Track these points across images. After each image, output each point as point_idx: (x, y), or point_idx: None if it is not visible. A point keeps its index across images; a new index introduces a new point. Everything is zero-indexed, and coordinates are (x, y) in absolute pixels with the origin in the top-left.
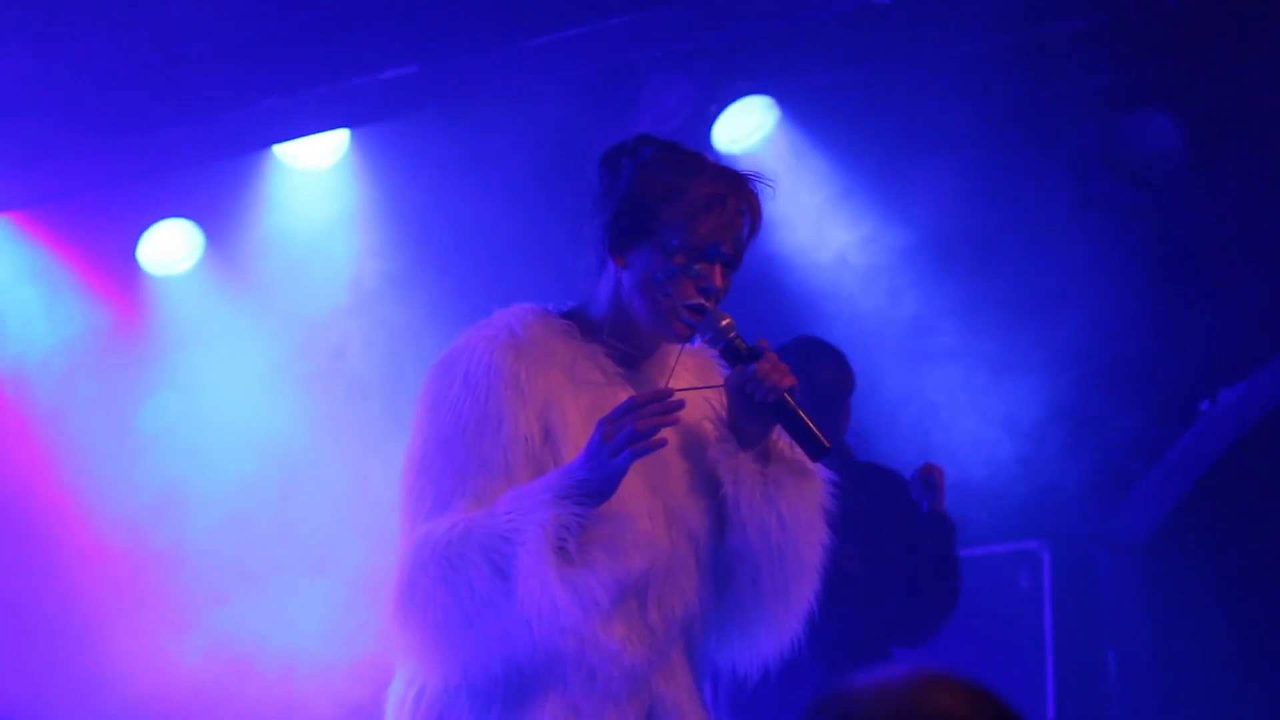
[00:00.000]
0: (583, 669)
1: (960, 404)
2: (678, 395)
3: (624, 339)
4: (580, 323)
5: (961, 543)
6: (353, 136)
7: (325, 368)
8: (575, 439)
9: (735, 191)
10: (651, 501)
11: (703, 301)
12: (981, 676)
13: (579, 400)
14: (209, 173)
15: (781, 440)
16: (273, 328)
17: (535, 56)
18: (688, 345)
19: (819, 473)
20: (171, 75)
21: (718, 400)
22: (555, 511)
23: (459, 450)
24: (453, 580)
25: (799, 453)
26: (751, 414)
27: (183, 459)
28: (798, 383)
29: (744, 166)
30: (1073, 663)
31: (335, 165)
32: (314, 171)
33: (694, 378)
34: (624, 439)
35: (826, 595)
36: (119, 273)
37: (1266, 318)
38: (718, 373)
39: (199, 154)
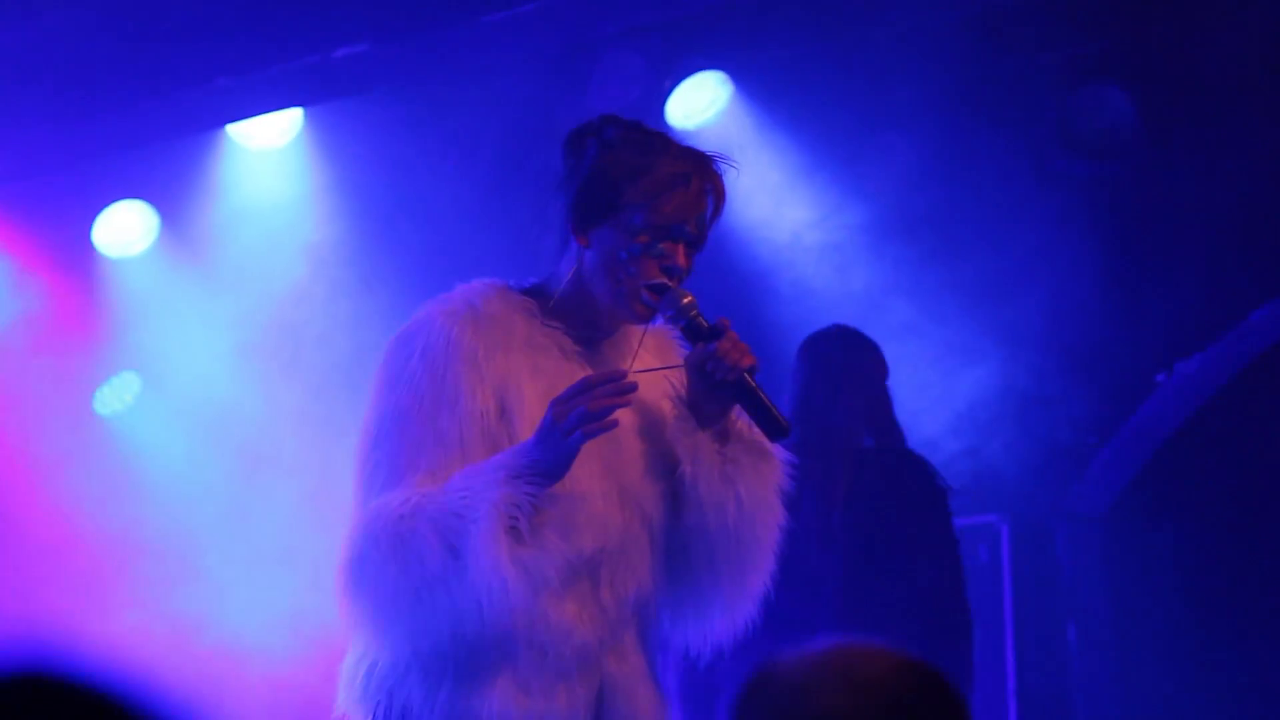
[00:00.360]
0: (534, 647)
1: (918, 380)
2: (638, 375)
3: (584, 317)
4: (541, 300)
5: None
6: (307, 115)
7: (283, 349)
8: (531, 416)
9: (699, 171)
10: (606, 481)
11: (665, 280)
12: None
13: (536, 378)
14: (163, 153)
15: (740, 420)
16: (229, 309)
17: (490, 32)
18: (649, 325)
19: (777, 454)
20: (124, 55)
21: (678, 379)
22: (507, 490)
23: (414, 424)
24: (403, 555)
25: (758, 433)
26: (711, 393)
27: (139, 441)
28: (758, 362)
29: (708, 146)
30: (1032, 636)
31: (289, 144)
32: (268, 151)
33: (655, 357)
34: (576, 419)
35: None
36: (74, 254)
37: (1222, 290)
38: (678, 353)
39: (153, 134)
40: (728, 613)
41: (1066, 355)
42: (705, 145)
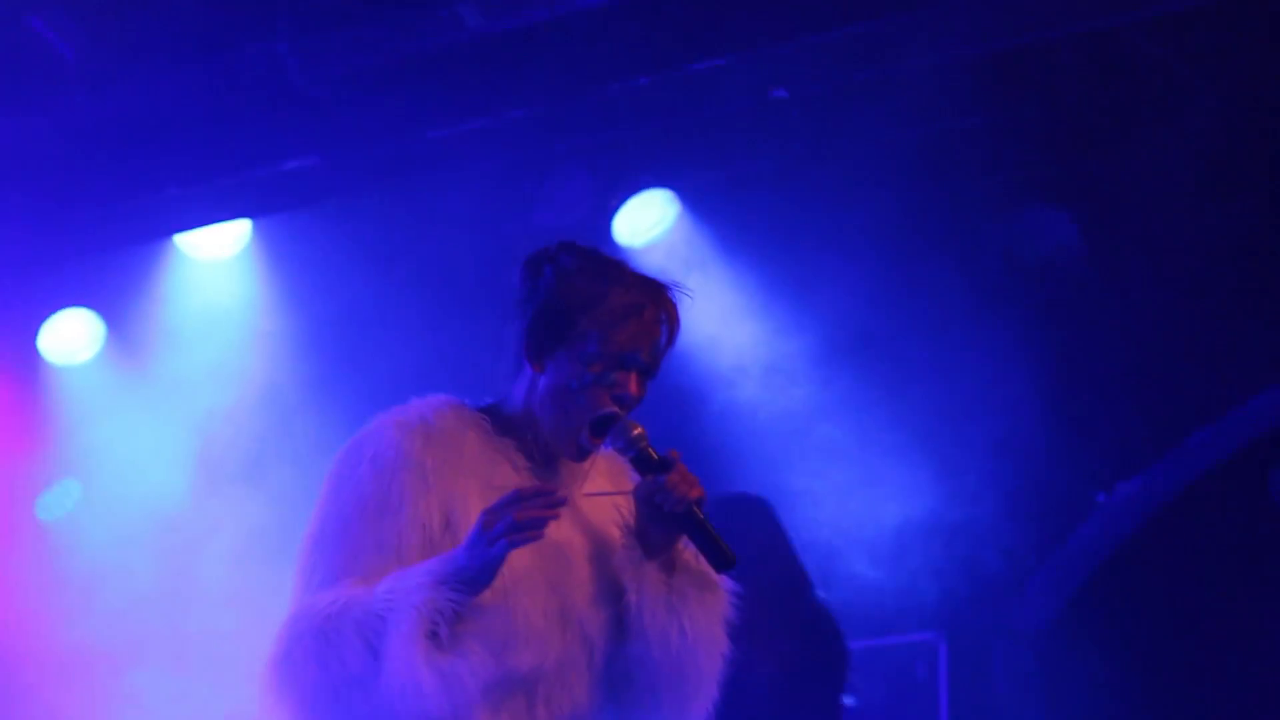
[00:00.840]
0: None
1: (859, 499)
2: (589, 499)
3: (535, 441)
4: (495, 419)
5: (858, 634)
6: (255, 227)
7: (225, 460)
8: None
9: (654, 300)
10: (549, 600)
11: (615, 410)
12: None
13: (486, 494)
14: (111, 262)
15: (687, 551)
16: (173, 419)
17: (437, 148)
18: (604, 449)
19: (723, 584)
20: (74, 163)
21: (627, 507)
22: (430, 595)
23: (356, 529)
24: (325, 654)
25: (704, 564)
26: (659, 523)
27: (79, 548)
28: (705, 495)
29: (656, 267)
30: None
31: (237, 256)
32: (216, 262)
33: (608, 481)
34: (503, 529)
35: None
36: (19, 361)
37: (1162, 411)
38: (631, 478)
39: (100, 243)
40: None
41: (1009, 475)
42: (655, 268)
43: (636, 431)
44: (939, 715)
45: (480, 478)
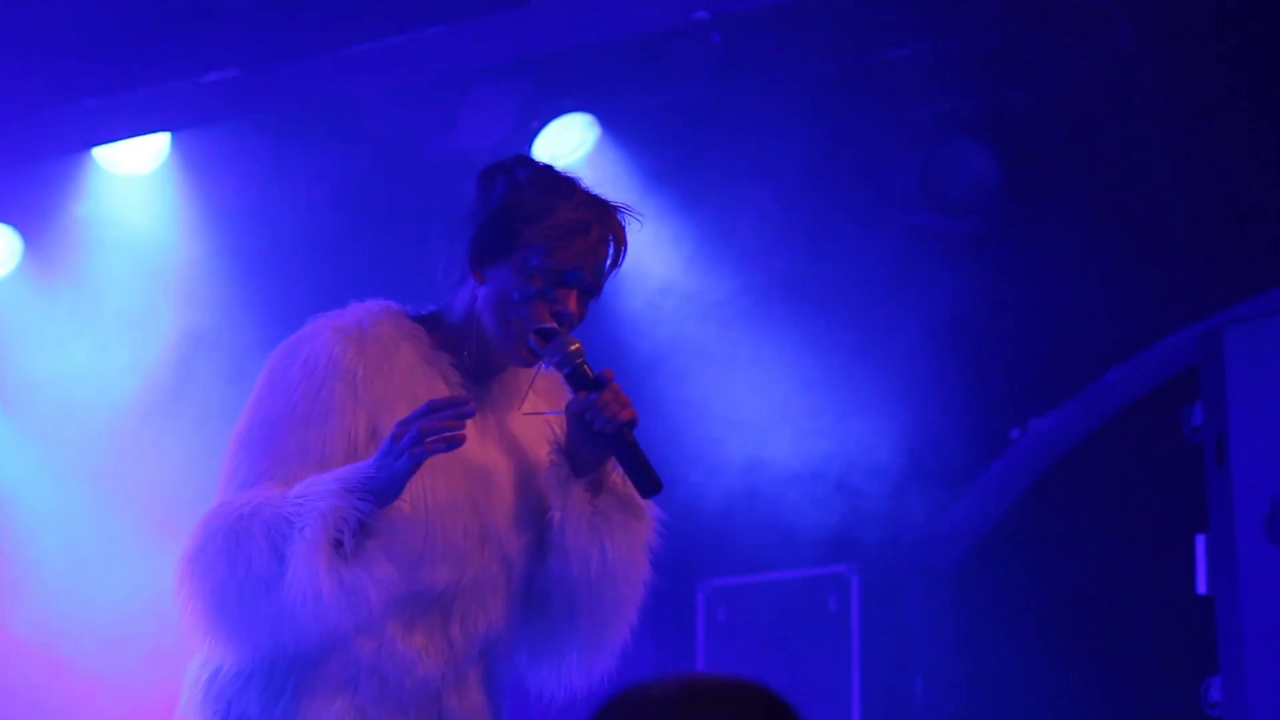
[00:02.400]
0: (376, 673)
1: (774, 433)
2: (523, 417)
3: (474, 352)
4: (432, 330)
5: (771, 566)
6: (174, 141)
7: (146, 376)
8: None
9: (601, 220)
10: (470, 518)
11: (554, 326)
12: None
13: (413, 405)
14: (27, 175)
15: (615, 473)
16: (93, 335)
17: (359, 63)
18: (541, 367)
19: (648, 510)
20: None
21: (560, 426)
22: (337, 503)
23: (281, 433)
24: (234, 555)
25: (631, 488)
26: (588, 442)
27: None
28: (637, 417)
29: (615, 198)
30: (880, 688)
31: (156, 170)
32: (134, 176)
33: (544, 401)
34: (410, 440)
35: None
36: None
37: (1078, 348)
38: (566, 399)
39: (16, 155)
40: (584, 663)
41: (922, 411)
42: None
43: (574, 347)
44: (850, 648)
45: (410, 391)
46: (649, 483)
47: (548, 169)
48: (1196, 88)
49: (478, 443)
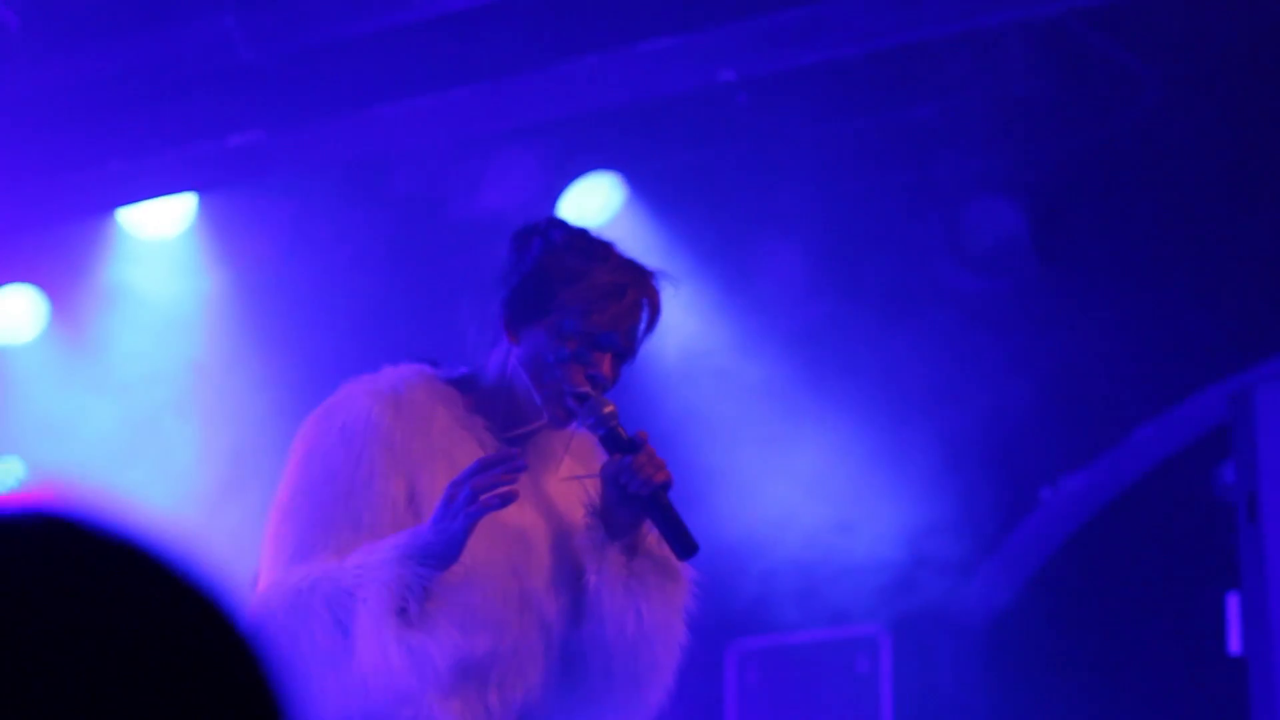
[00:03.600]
0: None
1: (801, 491)
2: (561, 481)
3: (508, 414)
4: (465, 392)
5: (798, 627)
6: (200, 204)
7: (172, 439)
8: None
9: (636, 284)
10: (508, 583)
11: (588, 390)
12: None
13: (451, 469)
14: (53, 238)
15: (650, 536)
16: (118, 398)
17: (384, 125)
18: (576, 429)
19: (684, 573)
20: (12, 137)
21: (596, 490)
22: (399, 571)
23: (325, 503)
24: (295, 631)
25: (667, 551)
26: (623, 505)
27: None
28: (672, 479)
29: (649, 263)
30: None
31: (181, 233)
32: (160, 239)
33: (578, 464)
34: (464, 500)
35: None
36: None
37: (1107, 407)
38: (600, 461)
39: (42, 218)
40: None
41: (953, 470)
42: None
43: (608, 409)
44: (880, 710)
45: (447, 454)
46: (685, 545)
47: (583, 232)
48: (1225, 144)
49: (514, 507)
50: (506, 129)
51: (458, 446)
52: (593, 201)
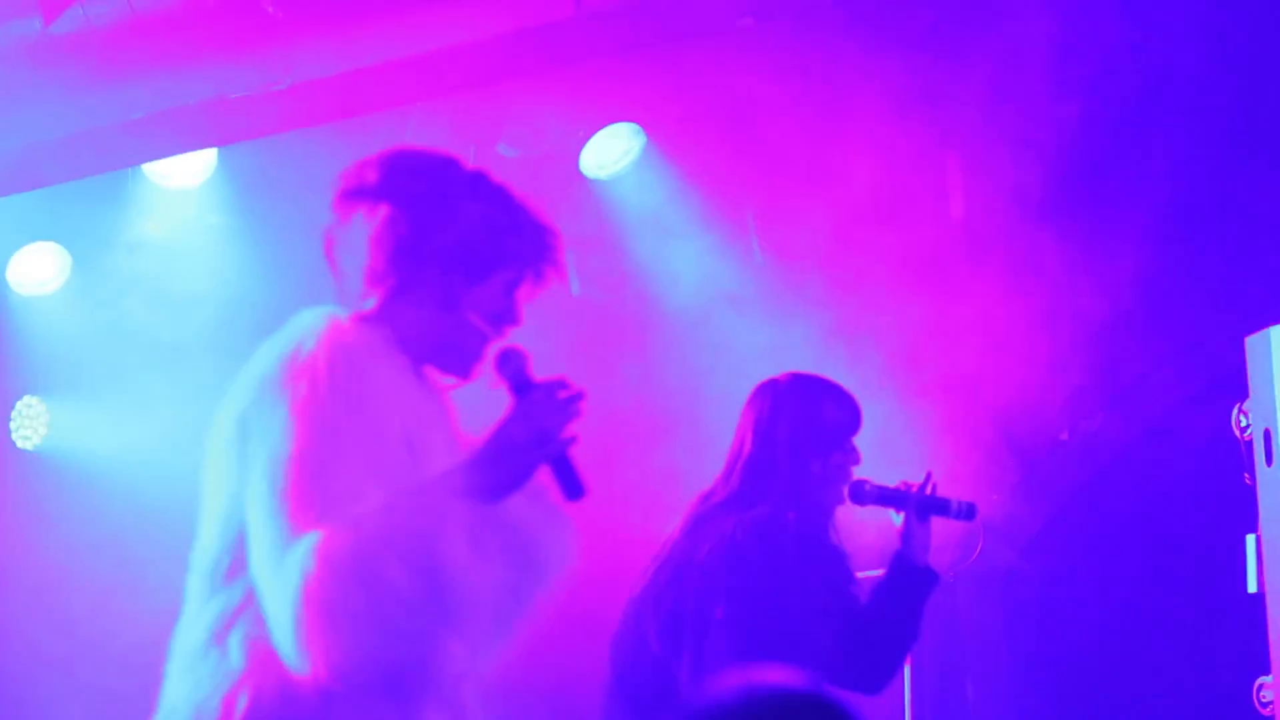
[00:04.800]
0: (429, 678)
1: None
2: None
3: (439, 361)
4: (393, 332)
5: None
6: (221, 155)
7: (192, 388)
8: (425, 442)
9: (537, 228)
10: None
11: (493, 329)
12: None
13: (418, 407)
14: (76, 191)
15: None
16: (142, 348)
17: (404, 72)
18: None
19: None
20: (40, 93)
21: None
22: (455, 503)
23: (340, 445)
24: (366, 578)
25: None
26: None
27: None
28: (571, 422)
29: (548, 214)
30: (930, 693)
31: (204, 184)
32: (183, 190)
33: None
34: (535, 437)
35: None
36: None
37: (1127, 349)
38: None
39: (66, 171)
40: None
41: (971, 414)
42: (621, 200)
43: (517, 353)
44: None
45: (413, 391)
46: (571, 488)
47: (498, 188)
48: (1243, 93)
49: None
50: (526, 79)
51: (406, 380)
52: (613, 150)
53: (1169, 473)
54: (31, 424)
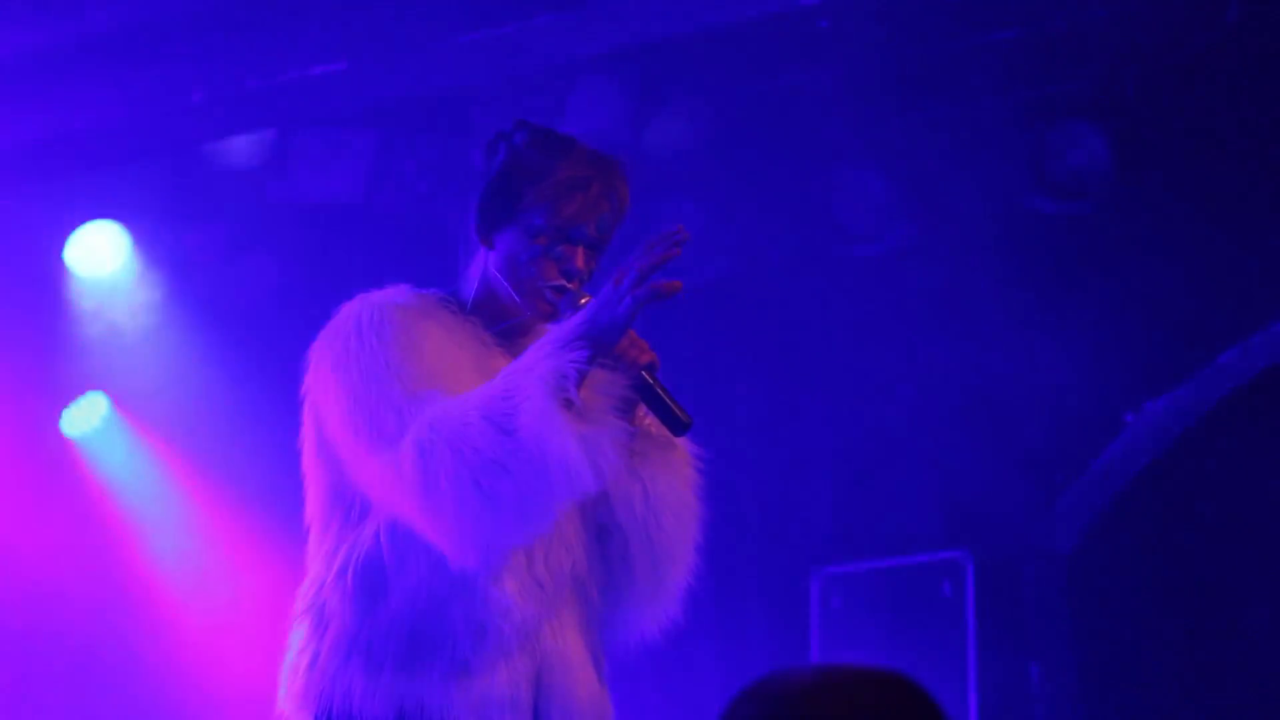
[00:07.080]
0: (473, 625)
1: (881, 416)
2: None
3: (493, 318)
4: (449, 302)
5: (885, 552)
6: (281, 136)
7: (252, 370)
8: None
9: (601, 176)
10: None
11: (564, 282)
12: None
13: (464, 356)
14: (136, 172)
15: (649, 418)
16: (201, 331)
17: (465, 54)
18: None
19: (685, 448)
20: (100, 71)
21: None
22: (554, 364)
23: (389, 381)
24: (458, 447)
25: (664, 430)
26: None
27: (106, 463)
28: (658, 360)
29: (612, 152)
30: (995, 674)
31: (263, 165)
32: (242, 171)
33: None
34: (630, 284)
35: None
36: (45, 274)
37: (1193, 329)
38: None
39: (125, 153)
40: (648, 607)
41: (1038, 391)
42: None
43: (584, 301)
44: (966, 634)
45: (456, 344)
46: (677, 422)
47: (545, 131)
48: None
49: None
50: (587, 58)
51: (463, 346)
52: (674, 129)
53: (1235, 453)
54: (85, 415)
